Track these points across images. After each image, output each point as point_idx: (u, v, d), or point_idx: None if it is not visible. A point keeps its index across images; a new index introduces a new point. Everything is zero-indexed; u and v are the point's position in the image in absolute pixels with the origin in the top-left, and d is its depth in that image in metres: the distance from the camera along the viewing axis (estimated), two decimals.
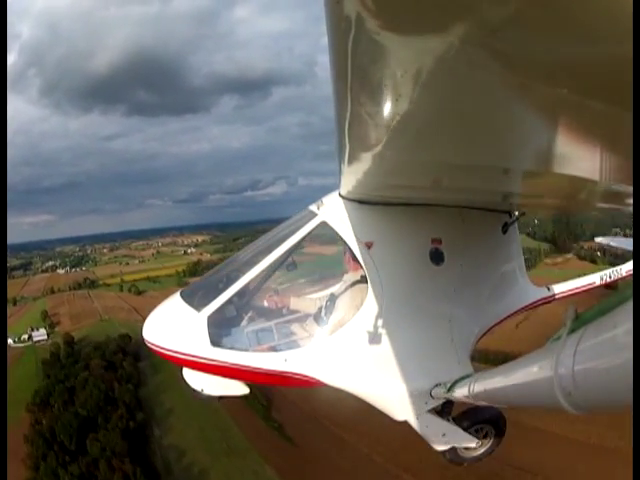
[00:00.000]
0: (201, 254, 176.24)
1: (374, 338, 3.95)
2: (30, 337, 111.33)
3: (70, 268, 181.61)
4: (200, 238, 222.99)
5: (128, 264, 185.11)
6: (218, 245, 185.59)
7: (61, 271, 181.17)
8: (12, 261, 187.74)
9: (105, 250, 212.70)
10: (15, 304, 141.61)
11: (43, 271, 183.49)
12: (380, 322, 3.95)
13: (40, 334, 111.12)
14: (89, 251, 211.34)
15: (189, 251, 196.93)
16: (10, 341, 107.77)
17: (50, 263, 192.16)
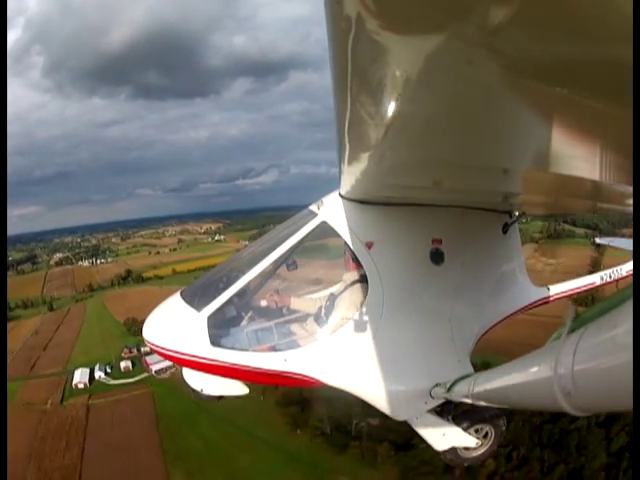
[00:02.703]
0: (238, 241, 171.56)
1: (374, 338, 3.95)
2: (136, 364, 68.92)
3: (95, 260, 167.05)
4: (213, 226, 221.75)
5: (159, 253, 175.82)
6: (249, 232, 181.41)
7: (85, 263, 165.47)
8: (12, 254, 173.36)
9: (114, 240, 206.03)
10: (52, 309, 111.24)
11: (57, 264, 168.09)
12: (380, 322, 3.95)
13: (160, 359, 53.49)
14: (94, 241, 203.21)
15: (217, 238, 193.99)
16: (99, 374, 67.94)
17: (59, 255, 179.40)
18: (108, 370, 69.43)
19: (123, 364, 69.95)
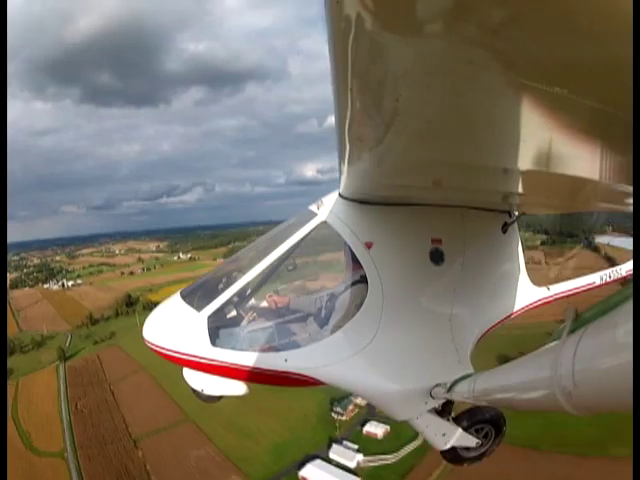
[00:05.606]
0: (215, 259, 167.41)
1: (374, 338, 3.95)
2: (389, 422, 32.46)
3: (64, 283, 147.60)
4: (161, 244, 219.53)
5: (132, 273, 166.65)
6: (215, 249, 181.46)
7: (52, 286, 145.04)
8: None
9: (59, 258, 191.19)
10: (64, 359, 74.47)
11: (12, 287, 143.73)
12: (380, 322, 3.95)
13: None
14: (36, 260, 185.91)
15: (183, 257, 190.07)
16: (357, 458, 41.12)
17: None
18: (352, 445, 41.21)
19: (371, 428, 40.97)
